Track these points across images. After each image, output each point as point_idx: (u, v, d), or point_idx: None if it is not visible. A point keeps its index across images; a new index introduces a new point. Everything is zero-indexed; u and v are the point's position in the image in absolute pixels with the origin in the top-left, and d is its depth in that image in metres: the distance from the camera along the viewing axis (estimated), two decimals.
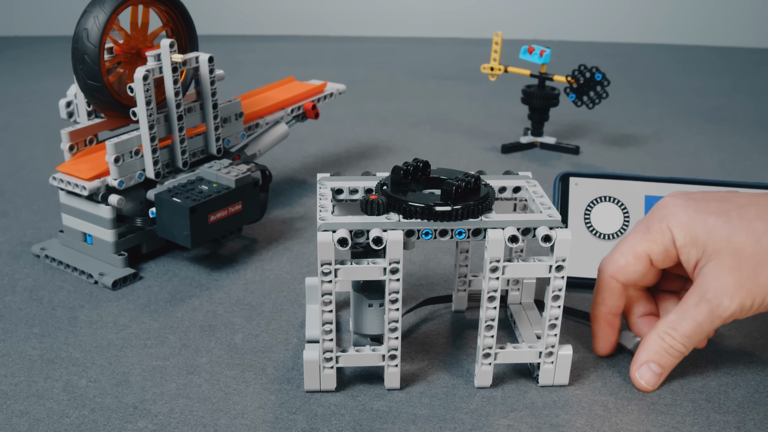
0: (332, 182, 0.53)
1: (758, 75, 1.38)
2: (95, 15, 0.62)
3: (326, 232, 0.46)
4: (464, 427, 0.48)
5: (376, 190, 0.51)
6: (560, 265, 0.48)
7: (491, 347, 0.50)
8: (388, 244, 0.46)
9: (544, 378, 0.52)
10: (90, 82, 0.62)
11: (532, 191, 0.53)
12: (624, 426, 0.48)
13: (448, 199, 0.48)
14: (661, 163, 0.94)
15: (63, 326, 0.58)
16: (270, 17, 1.73)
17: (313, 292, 0.58)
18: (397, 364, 0.50)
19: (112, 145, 0.61)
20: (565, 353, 0.51)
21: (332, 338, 0.49)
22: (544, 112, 0.96)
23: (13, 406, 0.50)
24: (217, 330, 0.58)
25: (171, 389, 0.51)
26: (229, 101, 0.71)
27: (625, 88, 1.28)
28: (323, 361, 0.50)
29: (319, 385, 0.51)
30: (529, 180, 0.54)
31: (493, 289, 0.48)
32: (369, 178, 0.54)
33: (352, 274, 0.47)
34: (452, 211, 0.47)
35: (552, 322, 0.50)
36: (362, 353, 0.50)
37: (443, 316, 0.60)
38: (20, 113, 1.09)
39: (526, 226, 0.48)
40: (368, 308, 0.51)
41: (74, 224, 0.66)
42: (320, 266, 0.47)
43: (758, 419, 0.49)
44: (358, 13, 1.73)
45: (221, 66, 0.80)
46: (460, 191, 0.48)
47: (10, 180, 0.85)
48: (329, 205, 0.50)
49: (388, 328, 0.49)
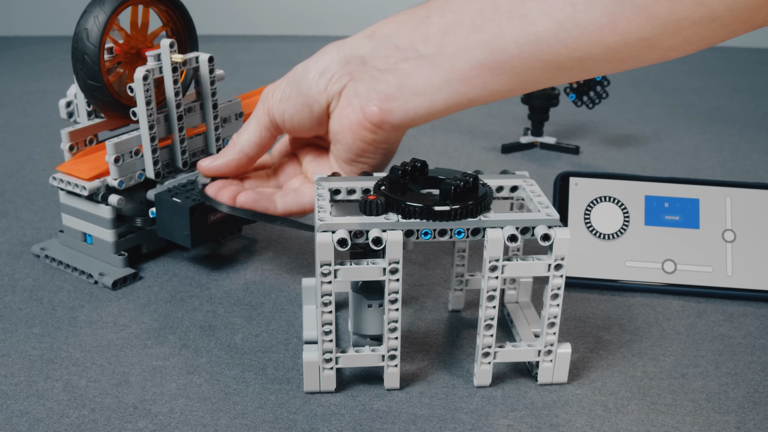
0: (330, 183, 0.53)
1: (758, 75, 1.38)
2: (95, 15, 0.62)
3: (326, 233, 0.46)
4: (464, 427, 0.48)
5: (374, 191, 0.51)
6: (559, 263, 0.48)
7: (490, 346, 0.50)
8: (387, 244, 0.46)
9: (543, 376, 0.52)
10: (90, 82, 0.62)
11: (530, 190, 0.53)
12: (624, 426, 0.48)
13: (447, 198, 0.48)
14: (661, 163, 0.94)
15: (63, 326, 0.58)
16: (270, 17, 1.73)
17: (310, 293, 0.58)
18: (396, 365, 0.50)
19: (112, 145, 0.61)
20: (564, 351, 0.51)
21: (332, 339, 0.49)
22: (544, 112, 0.96)
23: (13, 406, 0.50)
24: (217, 330, 0.58)
25: (171, 389, 0.51)
26: (229, 101, 0.71)
27: (625, 88, 1.28)
28: (323, 362, 0.50)
29: (318, 386, 0.51)
30: (527, 179, 0.54)
31: (492, 288, 0.48)
32: (366, 178, 0.54)
33: (351, 275, 0.47)
34: (451, 210, 0.47)
35: (551, 321, 0.50)
36: (362, 354, 0.50)
37: (442, 316, 0.60)
38: (20, 113, 1.09)
39: (525, 225, 0.48)
40: (368, 309, 0.51)
41: (74, 224, 0.66)
42: (319, 267, 0.46)
43: (758, 419, 0.49)
44: (358, 13, 1.73)
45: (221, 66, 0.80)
46: (459, 191, 0.48)
47: (10, 180, 0.85)
48: (327, 206, 0.50)
49: (387, 329, 0.49)
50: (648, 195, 0.66)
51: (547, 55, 0.47)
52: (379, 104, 0.51)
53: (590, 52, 0.46)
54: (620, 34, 0.45)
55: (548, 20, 0.46)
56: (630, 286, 0.64)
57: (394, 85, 0.51)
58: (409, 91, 0.51)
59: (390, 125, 0.52)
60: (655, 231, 0.65)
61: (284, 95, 0.55)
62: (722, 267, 0.63)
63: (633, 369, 0.54)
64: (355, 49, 0.53)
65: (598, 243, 0.65)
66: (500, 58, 0.48)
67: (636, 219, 0.65)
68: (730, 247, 0.64)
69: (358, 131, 0.53)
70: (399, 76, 0.51)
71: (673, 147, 0.99)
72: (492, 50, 0.48)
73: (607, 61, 0.47)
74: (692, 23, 0.43)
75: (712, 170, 0.92)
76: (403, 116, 0.51)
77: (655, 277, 0.64)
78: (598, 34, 0.45)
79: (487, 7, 0.48)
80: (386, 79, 0.51)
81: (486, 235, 0.47)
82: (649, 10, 0.43)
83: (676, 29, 0.44)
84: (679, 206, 0.66)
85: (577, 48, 0.46)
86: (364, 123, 0.52)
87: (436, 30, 0.50)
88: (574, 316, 0.60)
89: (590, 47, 0.46)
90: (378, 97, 0.51)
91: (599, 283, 0.64)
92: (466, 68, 0.49)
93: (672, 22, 0.43)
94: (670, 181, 0.67)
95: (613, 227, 0.65)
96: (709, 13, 0.43)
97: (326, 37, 1.70)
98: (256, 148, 0.57)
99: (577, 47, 0.46)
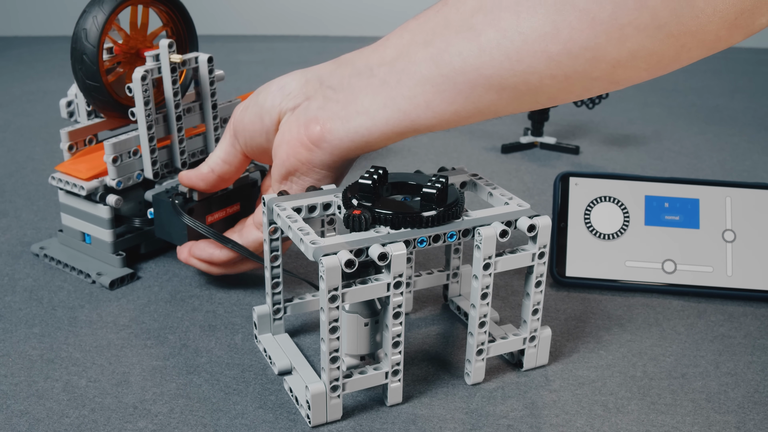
0: (288, 202, 0.51)
1: (758, 75, 1.38)
2: (94, 15, 0.62)
3: (331, 256, 0.44)
4: (464, 427, 0.48)
5: (345, 205, 0.49)
6: (543, 251, 0.50)
7: (483, 343, 0.50)
8: (393, 258, 0.45)
9: (528, 362, 0.53)
10: (89, 82, 0.62)
11: (483, 184, 0.53)
12: (624, 426, 0.48)
13: (431, 203, 0.47)
14: (661, 163, 0.93)
15: (63, 326, 0.58)
16: (270, 17, 1.73)
17: (265, 322, 0.55)
18: (399, 379, 0.49)
19: (111, 145, 0.61)
20: (546, 335, 0.53)
21: (339, 366, 0.47)
22: (544, 111, 0.96)
23: (13, 406, 0.49)
24: (217, 330, 0.58)
25: (171, 389, 0.51)
26: (229, 101, 0.71)
27: (625, 88, 1.28)
28: (329, 390, 0.47)
29: (326, 418, 0.48)
30: (472, 173, 0.55)
31: (486, 286, 0.48)
32: (318, 193, 0.52)
33: (359, 296, 0.45)
34: (439, 214, 0.47)
35: (535, 308, 0.51)
36: (366, 375, 0.48)
37: (441, 316, 0.60)
38: (20, 113, 1.09)
39: (508, 219, 0.49)
40: (363, 327, 0.49)
41: (73, 224, 0.66)
42: (327, 293, 0.44)
43: (758, 419, 0.49)
44: (358, 13, 1.73)
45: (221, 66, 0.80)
46: (440, 194, 0.48)
47: (10, 180, 0.85)
48: (308, 227, 0.47)
49: (391, 344, 0.48)
50: (648, 195, 0.66)
51: (489, 69, 0.46)
52: (323, 123, 0.51)
53: (533, 65, 0.45)
54: (563, 42, 0.43)
55: (492, 30, 0.45)
56: (630, 286, 0.64)
57: (342, 104, 0.50)
58: (354, 110, 0.50)
59: (329, 145, 0.51)
60: (655, 231, 0.65)
61: (244, 106, 0.55)
62: (722, 267, 0.63)
63: (633, 369, 0.54)
64: (317, 70, 0.53)
65: (598, 243, 0.65)
66: (444, 72, 0.47)
67: (636, 219, 0.65)
68: (730, 247, 0.64)
69: (294, 147, 0.52)
70: (349, 95, 0.50)
71: (673, 147, 0.99)
72: (437, 63, 0.47)
73: (552, 77, 0.45)
74: (636, 30, 0.42)
75: (712, 170, 0.92)
76: (343, 134, 0.50)
77: (655, 277, 0.63)
78: (541, 42, 0.44)
79: (440, 23, 0.48)
80: (337, 98, 0.51)
81: (479, 233, 0.47)
82: (592, 14, 0.42)
83: (620, 37, 0.43)
84: (679, 206, 0.65)
85: (520, 60, 0.45)
86: (302, 139, 0.51)
87: (391, 50, 0.49)
88: (574, 316, 0.60)
89: (533, 58, 0.44)
90: (324, 116, 0.51)
91: (599, 283, 0.64)
92: (411, 84, 0.48)
93: (615, 28, 0.42)
94: (670, 181, 0.67)
95: (613, 227, 0.65)
96: (653, 18, 0.41)
97: (326, 37, 1.70)
98: (223, 165, 0.58)
99: (520, 58, 0.45)
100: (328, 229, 0.60)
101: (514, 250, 0.49)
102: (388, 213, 0.47)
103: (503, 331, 0.54)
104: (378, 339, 0.50)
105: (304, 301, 0.56)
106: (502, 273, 0.66)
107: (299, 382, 0.50)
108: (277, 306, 0.55)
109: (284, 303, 0.56)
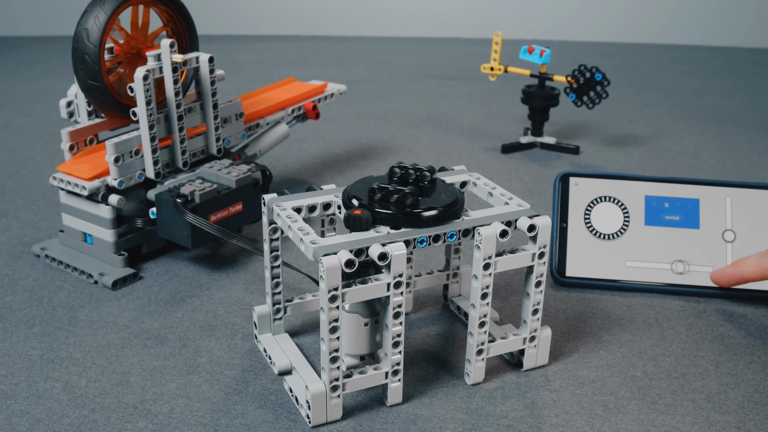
0: (289, 202, 0.51)
1: (758, 75, 1.38)
2: (95, 15, 0.62)
3: (331, 256, 0.44)
4: (464, 427, 0.48)
5: (346, 205, 0.49)
6: (543, 251, 0.50)
7: (483, 343, 0.50)
8: (393, 258, 0.45)
9: (528, 362, 0.53)
10: (90, 81, 0.62)
11: (483, 184, 0.53)
12: (624, 426, 0.48)
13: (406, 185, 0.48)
14: (661, 163, 0.94)
15: (63, 326, 0.58)
16: (270, 17, 1.73)
17: (265, 322, 0.56)
18: (399, 379, 0.49)
19: (112, 145, 0.61)
20: (546, 335, 0.53)
21: (339, 366, 0.47)
22: (544, 112, 0.96)
23: (13, 406, 0.50)
24: (217, 330, 0.58)
25: (171, 389, 0.51)
26: (230, 101, 0.71)
27: (625, 88, 1.28)
28: (329, 390, 0.47)
29: (326, 417, 0.48)
30: (472, 173, 0.55)
31: (486, 286, 0.48)
32: (318, 193, 0.52)
33: (359, 296, 0.45)
34: (440, 214, 0.47)
35: (535, 308, 0.51)
36: (366, 375, 0.48)
37: (441, 316, 0.60)
38: (20, 113, 1.09)
39: (508, 219, 0.49)
40: (363, 327, 0.49)
41: (74, 224, 0.66)
42: (327, 293, 0.44)
43: (758, 419, 0.49)
44: (358, 13, 1.73)
45: (221, 66, 0.80)
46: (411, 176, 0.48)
47: (10, 180, 0.85)
48: (309, 227, 0.47)
49: (391, 343, 0.48)
50: (648, 195, 0.66)
51: None
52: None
53: None
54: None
55: None
56: (630, 286, 0.64)
57: None
58: None
59: None
60: (655, 231, 0.65)
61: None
62: (722, 267, 0.63)
63: (633, 369, 0.54)
64: None
65: (598, 243, 0.65)
66: None
67: (636, 219, 0.65)
68: (730, 247, 0.64)
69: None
70: None
71: (673, 147, 0.99)
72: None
73: None
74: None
75: (712, 170, 0.92)
76: None
77: (655, 277, 0.64)
78: None
79: None
80: None
81: (479, 233, 0.47)
82: None
83: None
84: (679, 206, 0.66)
85: None
86: None
87: None
88: (574, 316, 0.60)
89: None
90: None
91: (599, 283, 0.64)
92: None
93: None
94: (670, 181, 0.67)
95: (613, 227, 0.65)
96: None
97: (326, 37, 1.71)
98: None
99: None
100: (329, 229, 0.60)
101: (514, 250, 0.50)
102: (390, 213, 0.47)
103: (503, 331, 0.54)
104: (378, 339, 0.50)
105: (304, 301, 0.57)
106: (502, 273, 0.66)
107: (299, 382, 0.50)
108: (277, 306, 0.55)
109: (284, 303, 0.56)
